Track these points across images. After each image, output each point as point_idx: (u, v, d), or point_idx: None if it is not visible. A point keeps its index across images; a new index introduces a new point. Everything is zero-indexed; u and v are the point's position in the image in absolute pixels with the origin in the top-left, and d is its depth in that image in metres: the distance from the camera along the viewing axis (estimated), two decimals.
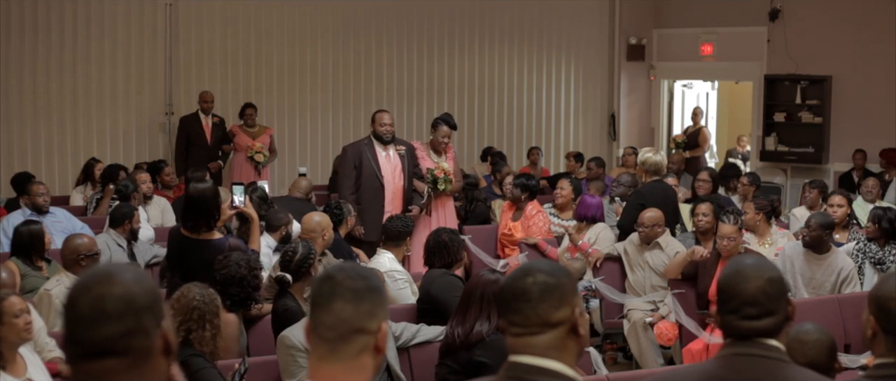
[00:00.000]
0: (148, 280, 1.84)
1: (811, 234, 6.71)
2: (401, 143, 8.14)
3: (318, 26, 12.41)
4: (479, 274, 4.89)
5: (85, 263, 5.62)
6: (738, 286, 2.44)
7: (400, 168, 7.97)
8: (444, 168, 8.04)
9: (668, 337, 6.83)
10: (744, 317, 2.42)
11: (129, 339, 1.75)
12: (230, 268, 5.05)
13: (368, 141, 8.01)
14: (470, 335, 4.64)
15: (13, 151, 10.99)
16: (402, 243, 6.38)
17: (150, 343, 1.78)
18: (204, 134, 10.87)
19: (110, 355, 1.74)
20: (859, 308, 6.14)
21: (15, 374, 4.05)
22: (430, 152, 8.23)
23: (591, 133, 14.32)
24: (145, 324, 1.77)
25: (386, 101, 12.85)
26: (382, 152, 7.95)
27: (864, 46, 12.36)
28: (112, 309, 1.75)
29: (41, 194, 7.76)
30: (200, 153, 10.72)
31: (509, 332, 2.22)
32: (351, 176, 7.86)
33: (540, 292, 2.19)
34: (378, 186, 7.86)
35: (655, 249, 7.18)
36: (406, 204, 7.94)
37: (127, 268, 1.84)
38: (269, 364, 4.79)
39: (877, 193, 9.46)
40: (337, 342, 2.03)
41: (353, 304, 2.04)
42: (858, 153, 12.09)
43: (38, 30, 10.98)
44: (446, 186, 8.05)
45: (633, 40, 14.14)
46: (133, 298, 1.77)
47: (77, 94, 11.25)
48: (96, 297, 1.75)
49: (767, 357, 2.41)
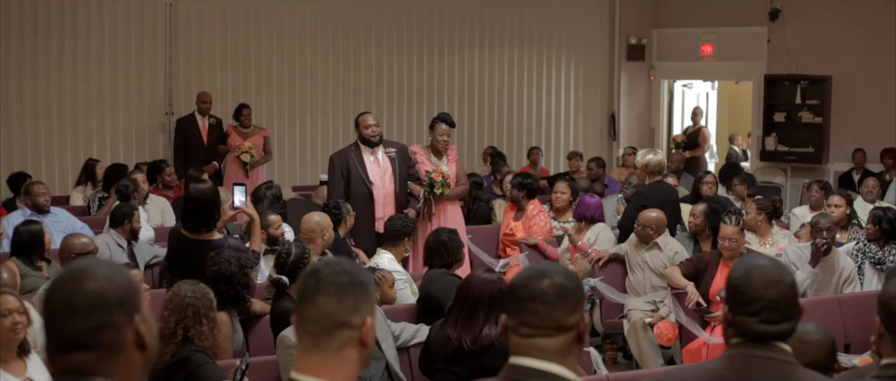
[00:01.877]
0: (122, 276, 1.88)
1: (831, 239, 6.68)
2: (391, 144, 7.86)
3: (318, 26, 12.41)
4: (476, 274, 4.82)
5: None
6: (760, 290, 2.42)
7: (390, 172, 7.65)
8: (443, 171, 7.66)
9: (668, 337, 6.83)
10: (764, 321, 2.41)
11: (98, 333, 1.81)
12: (220, 265, 5.06)
13: (355, 147, 7.69)
14: (478, 340, 4.58)
15: (13, 151, 10.99)
16: (400, 243, 6.35)
17: (120, 337, 1.83)
18: (200, 135, 10.82)
19: (81, 348, 1.80)
20: (859, 308, 6.20)
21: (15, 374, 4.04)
22: (430, 156, 7.82)
23: (591, 133, 14.32)
24: (115, 319, 1.82)
25: (386, 101, 12.87)
26: (370, 157, 7.63)
27: (864, 46, 12.37)
28: (82, 304, 1.80)
29: (42, 194, 7.77)
30: (197, 155, 10.65)
31: (518, 332, 2.21)
32: (339, 186, 7.57)
33: (557, 295, 2.20)
34: (367, 194, 7.55)
35: (654, 249, 7.18)
36: (400, 209, 7.55)
37: (102, 264, 1.90)
38: (270, 364, 4.79)
39: (877, 193, 9.47)
40: (320, 336, 2.06)
41: (336, 298, 2.06)
42: (858, 153, 12.09)
43: (38, 30, 10.97)
44: (444, 190, 7.61)
45: (633, 40, 14.14)
46: (103, 293, 1.82)
47: (77, 94, 11.25)
48: (68, 293, 1.82)
49: (781, 361, 2.41)
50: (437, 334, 4.80)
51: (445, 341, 4.69)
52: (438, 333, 4.79)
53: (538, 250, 7.99)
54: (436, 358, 4.77)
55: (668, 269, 6.84)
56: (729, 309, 2.47)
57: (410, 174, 7.74)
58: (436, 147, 7.83)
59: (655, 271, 7.09)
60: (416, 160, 7.76)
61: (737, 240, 6.48)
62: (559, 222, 8.49)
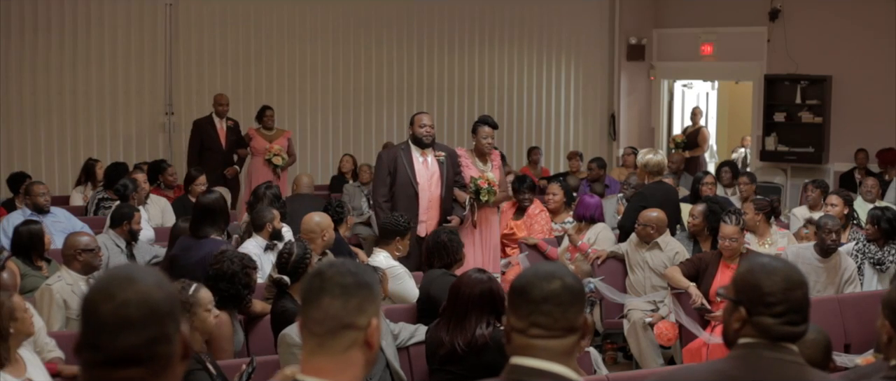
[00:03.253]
0: (168, 284, 1.81)
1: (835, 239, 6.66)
2: (441, 148, 7.60)
3: (319, 26, 12.41)
4: (467, 275, 4.83)
5: (82, 257, 5.62)
6: (786, 292, 2.40)
7: (437, 175, 7.41)
8: (489, 178, 7.42)
9: (667, 337, 6.83)
10: (789, 322, 2.39)
11: (153, 347, 1.72)
12: (223, 264, 5.07)
13: (405, 145, 7.50)
14: (472, 341, 4.60)
15: (13, 150, 11.00)
16: (392, 242, 6.31)
17: (172, 350, 1.75)
18: (218, 138, 10.45)
19: (133, 363, 1.71)
20: (859, 308, 6.20)
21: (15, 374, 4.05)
22: (475, 160, 7.61)
23: (591, 133, 14.33)
24: (168, 331, 1.75)
25: (385, 101, 12.88)
26: (419, 158, 7.40)
27: (864, 46, 12.37)
28: (136, 316, 1.71)
29: (42, 194, 7.77)
30: (215, 158, 10.34)
31: (527, 334, 2.19)
32: (385, 182, 7.34)
33: (570, 297, 2.19)
34: (412, 194, 7.31)
35: (655, 249, 7.18)
36: (444, 214, 7.39)
37: (147, 272, 1.80)
38: (270, 364, 4.79)
39: (876, 192, 9.46)
40: (325, 337, 2.04)
41: (341, 300, 2.04)
42: (860, 153, 12.08)
43: (38, 30, 10.98)
44: (489, 197, 7.39)
45: (633, 40, 14.14)
46: (156, 304, 1.73)
47: (77, 94, 11.25)
48: (120, 303, 1.71)
49: (791, 362, 2.40)
50: (432, 336, 4.82)
51: (439, 343, 4.72)
52: (433, 335, 4.82)
53: (538, 250, 7.99)
54: (431, 360, 4.81)
55: (669, 269, 6.84)
56: (746, 310, 2.42)
57: (456, 180, 7.52)
58: (480, 150, 7.62)
59: (656, 271, 7.09)
60: (461, 164, 7.59)
61: (737, 240, 6.48)
62: (557, 223, 8.50)
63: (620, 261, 7.49)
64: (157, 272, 1.84)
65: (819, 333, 3.86)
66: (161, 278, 1.80)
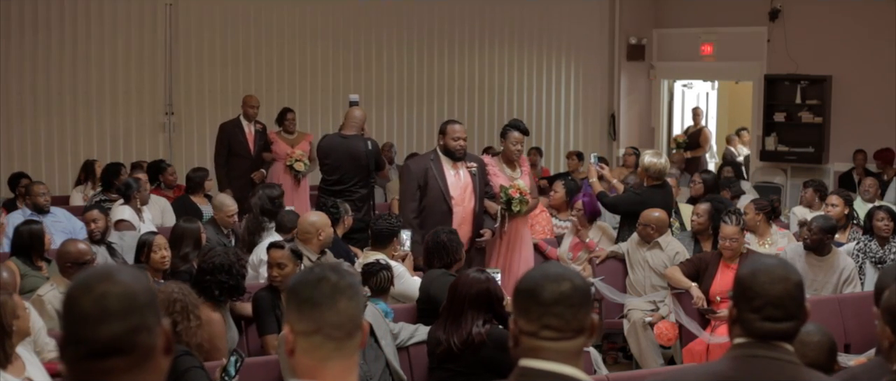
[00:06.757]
0: (145, 278, 1.85)
1: (812, 237, 6.69)
2: (472, 158, 7.04)
3: (318, 26, 12.40)
4: (464, 274, 4.88)
5: (72, 270, 5.42)
6: (764, 286, 2.39)
7: (470, 188, 6.86)
8: (520, 186, 6.94)
9: (668, 337, 6.83)
10: (766, 318, 2.38)
11: (134, 336, 1.74)
12: (217, 257, 5.08)
13: (435, 156, 6.89)
14: (468, 339, 4.65)
15: (13, 150, 10.99)
16: (389, 244, 6.29)
17: (153, 341, 1.77)
18: (247, 143, 9.68)
19: (115, 353, 1.73)
20: (859, 308, 6.20)
21: (14, 374, 4.05)
22: (503, 167, 7.14)
23: (591, 133, 14.32)
24: (148, 321, 1.77)
25: (386, 101, 12.87)
26: (451, 171, 6.84)
27: (864, 46, 12.36)
28: (115, 307, 1.73)
29: (42, 194, 7.77)
30: (242, 163, 9.64)
31: (538, 336, 2.16)
32: (414, 196, 6.76)
33: (581, 298, 2.18)
34: (446, 210, 6.73)
35: (655, 248, 7.17)
36: (476, 228, 6.90)
37: (123, 267, 1.85)
38: (270, 364, 4.79)
39: (874, 192, 9.47)
40: (344, 340, 2.04)
41: (354, 300, 2.08)
42: (859, 153, 12.08)
43: (38, 29, 10.97)
44: (522, 207, 6.91)
45: (633, 40, 14.13)
46: (135, 295, 1.76)
47: (77, 93, 11.24)
48: (99, 295, 1.74)
49: (785, 361, 2.38)
50: (431, 335, 4.89)
51: (437, 342, 4.78)
52: (431, 335, 4.88)
53: (538, 250, 7.98)
54: (430, 358, 4.87)
55: (669, 269, 6.84)
56: (734, 307, 2.44)
57: (486, 191, 7.03)
58: (509, 157, 7.14)
59: (656, 271, 7.09)
60: (489, 172, 7.10)
61: (737, 240, 6.49)
62: (559, 220, 8.51)
63: (620, 261, 7.49)
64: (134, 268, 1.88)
65: (823, 334, 3.85)
66: (137, 273, 1.84)
